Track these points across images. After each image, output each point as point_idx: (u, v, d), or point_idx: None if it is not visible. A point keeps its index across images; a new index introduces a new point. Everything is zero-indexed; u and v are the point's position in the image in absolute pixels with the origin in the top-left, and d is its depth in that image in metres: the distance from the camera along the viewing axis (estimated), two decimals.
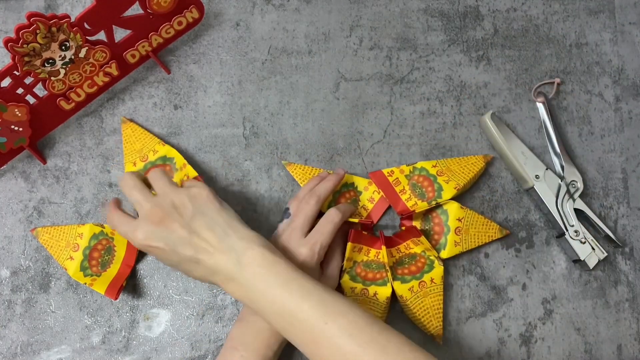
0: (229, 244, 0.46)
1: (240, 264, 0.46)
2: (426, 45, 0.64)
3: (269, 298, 0.45)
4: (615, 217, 0.61)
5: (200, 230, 0.47)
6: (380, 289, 0.55)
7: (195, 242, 0.46)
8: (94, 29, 0.53)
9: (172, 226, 0.47)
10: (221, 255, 0.46)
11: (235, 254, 0.46)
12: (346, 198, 0.59)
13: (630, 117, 0.63)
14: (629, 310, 0.59)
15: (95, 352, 0.58)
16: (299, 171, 0.60)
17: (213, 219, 0.48)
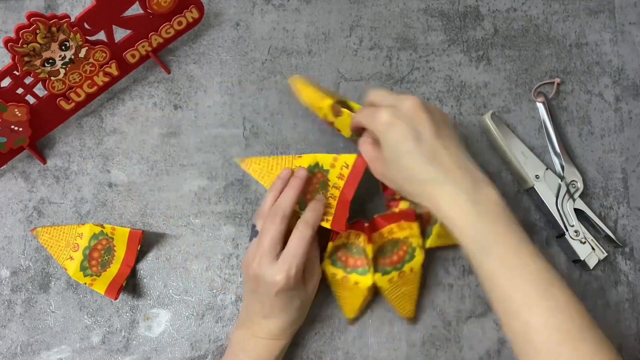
0: (469, 169, 0.46)
1: (475, 191, 0.45)
2: (426, 45, 0.64)
3: (499, 239, 0.44)
4: (615, 217, 0.61)
5: (447, 140, 0.46)
6: (361, 279, 0.54)
7: (437, 146, 0.46)
8: (94, 29, 0.53)
9: (424, 119, 0.46)
10: (457, 173, 0.45)
11: (471, 179, 0.45)
12: (314, 183, 0.55)
13: (630, 117, 0.63)
14: (629, 311, 0.59)
15: (95, 352, 0.58)
16: (256, 167, 0.55)
17: (457, 141, 0.48)
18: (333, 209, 0.53)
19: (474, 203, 0.44)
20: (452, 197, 0.45)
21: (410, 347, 0.58)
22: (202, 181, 0.61)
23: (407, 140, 0.45)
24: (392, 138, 0.46)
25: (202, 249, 0.60)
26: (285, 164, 0.55)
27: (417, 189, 0.47)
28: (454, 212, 0.44)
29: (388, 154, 0.47)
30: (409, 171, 0.46)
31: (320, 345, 0.58)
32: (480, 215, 0.44)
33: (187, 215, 0.60)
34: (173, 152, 0.62)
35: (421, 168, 0.45)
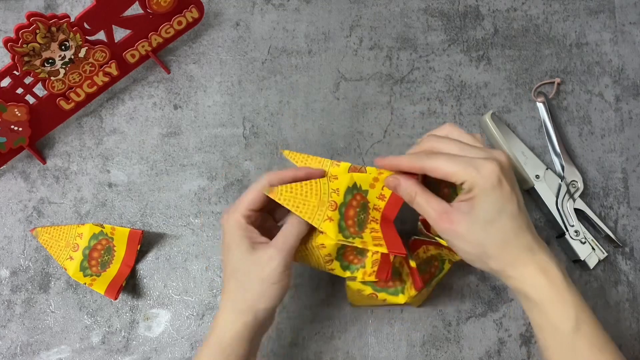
0: (540, 244, 0.43)
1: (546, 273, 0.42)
2: (426, 45, 0.64)
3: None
4: (615, 217, 0.61)
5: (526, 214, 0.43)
6: (391, 298, 0.53)
7: (526, 211, 0.43)
8: (94, 29, 0.53)
9: (515, 180, 0.43)
10: (542, 241, 0.43)
11: (550, 252, 0.43)
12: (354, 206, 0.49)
13: (631, 117, 0.63)
14: (629, 310, 0.59)
15: (95, 352, 0.58)
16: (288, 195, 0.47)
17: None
18: (379, 232, 0.49)
19: (564, 276, 0.42)
20: (545, 266, 0.42)
21: (410, 347, 0.58)
22: (202, 181, 0.61)
23: (512, 203, 0.42)
24: (498, 197, 0.42)
25: (202, 249, 0.60)
26: (320, 188, 0.48)
27: (508, 256, 0.43)
28: (547, 281, 0.42)
29: (486, 214, 0.42)
30: (508, 235, 0.42)
31: (320, 345, 0.58)
32: (570, 289, 0.42)
33: (187, 215, 0.60)
34: (173, 152, 0.62)
35: (522, 235, 0.42)
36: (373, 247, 0.47)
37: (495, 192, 0.41)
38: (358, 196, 0.48)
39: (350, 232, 0.47)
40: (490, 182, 0.41)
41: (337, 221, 0.47)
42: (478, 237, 0.42)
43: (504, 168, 0.42)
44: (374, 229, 0.49)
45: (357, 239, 0.47)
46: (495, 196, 0.41)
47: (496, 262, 0.43)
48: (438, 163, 0.43)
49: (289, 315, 0.58)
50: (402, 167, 0.46)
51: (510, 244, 0.42)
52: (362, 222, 0.48)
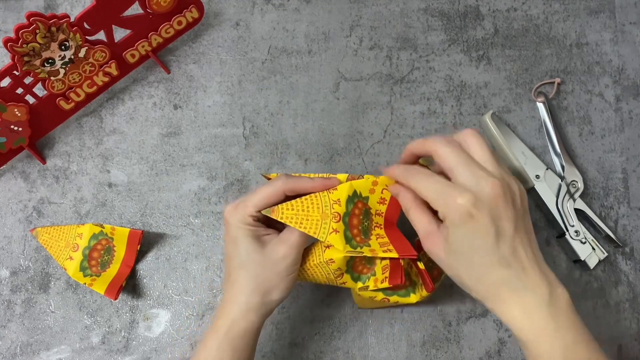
0: (543, 267, 0.41)
1: (552, 296, 0.40)
2: (426, 45, 0.64)
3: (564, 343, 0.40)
4: (615, 217, 0.61)
5: (523, 233, 0.41)
6: (402, 299, 0.52)
7: (517, 243, 0.40)
8: (94, 29, 0.53)
9: (506, 210, 0.40)
10: (536, 275, 0.40)
11: (547, 282, 0.40)
12: (357, 215, 0.48)
13: (631, 117, 0.63)
14: (630, 311, 0.59)
15: (94, 352, 0.58)
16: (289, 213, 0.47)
17: (531, 228, 0.42)
18: (385, 237, 0.48)
19: (551, 314, 0.40)
20: (529, 307, 0.40)
21: (410, 347, 0.58)
22: (202, 181, 0.61)
23: (487, 237, 0.40)
24: (469, 232, 0.40)
25: (202, 249, 0.60)
26: (320, 200, 0.47)
27: (486, 291, 0.41)
28: (530, 324, 0.40)
29: (457, 246, 0.41)
30: (480, 270, 0.41)
31: (320, 345, 0.58)
32: (558, 328, 0.40)
33: (187, 215, 0.60)
34: (173, 152, 0.62)
35: (497, 270, 0.40)
36: (382, 253, 0.46)
37: (464, 227, 0.40)
38: (359, 204, 0.48)
39: (357, 241, 0.47)
40: (458, 218, 0.39)
41: (343, 232, 0.46)
42: (453, 267, 0.42)
43: (480, 201, 0.39)
44: (379, 235, 0.48)
45: (365, 247, 0.47)
46: (464, 231, 0.40)
47: (475, 294, 0.42)
48: (419, 184, 0.42)
49: (289, 315, 0.58)
50: (396, 178, 0.46)
51: (483, 280, 0.41)
52: (366, 229, 0.48)
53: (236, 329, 0.45)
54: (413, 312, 0.59)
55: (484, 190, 0.40)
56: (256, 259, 0.46)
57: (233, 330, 0.45)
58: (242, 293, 0.46)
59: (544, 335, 0.40)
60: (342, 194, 0.47)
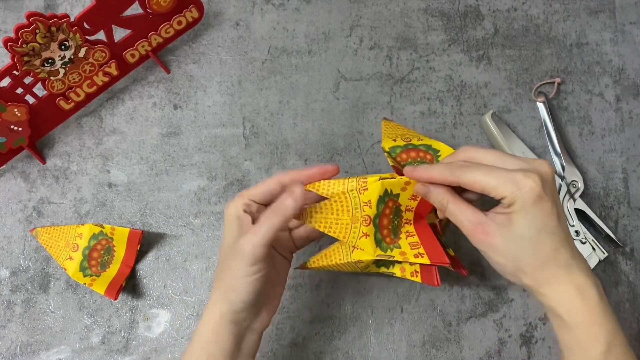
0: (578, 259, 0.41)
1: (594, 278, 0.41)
2: (426, 45, 0.64)
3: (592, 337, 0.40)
4: (615, 217, 0.61)
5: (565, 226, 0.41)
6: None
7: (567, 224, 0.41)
8: (94, 29, 0.53)
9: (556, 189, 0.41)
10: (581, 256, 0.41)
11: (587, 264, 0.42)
12: (387, 214, 0.47)
13: (631, 117, 0.63)
14: (630, 311, 0.59)
15: (94, 352, 0.58)
16: (319, 217, 0.45)
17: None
18: (415, 235, 0.47)
19: (599, 295, 0.40)
20: (582, 286, 0.40)
21: (410, 347, 0.58)
22: (202, 181, 0.61)
23: (552, 218, 0.40)
24: (537, 213, 0.40)
25: (202, 249, 0.60)
26: (350, 202, 0.45)
27: (546, 274, 0.41)
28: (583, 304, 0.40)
29: (523, 230, 0.40)
30: (545, 252, 0.40)
31: (320, 345, 0.58)
32: (605, 311, 0.40)
33: (187, 215, 0.60)
34: (173, 152, 0.62)
35: (559, 251, 0.40)
36: (413, 258, 0.46)
37: (535, 209, 0.39)
38: (390, 202, 0.47)
39: (387, 242, 0.47)
40: (531, 200, 0.39)
41: (373, 235, 0.46)
42: (514, 253, 0.41)
43: (545, 181, 0.40)
44: (409, 232, 0.48)
45: (396, 249, 0.47)
46: (534, 213, 0.40)
47: (530, 279, 0.41)
48: (475, 176, 0.41)
49: (289, 315, 0.58)
50: (434, 179, 0.43)
51: (547, 262, 0.40)
52: (396, 227, 0.48)
53: (207, 333, 0.43)
54: (413, 312, 0.59)
55: (543, 170, 0.40)
56: (228, 254, 0.43)
57: (205, 336, 0.44)
58: (215, 289, 0.45)
59: (594, 317, 0.40)
60: (373, 194, 0.45)
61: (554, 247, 0.40)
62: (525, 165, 0.41)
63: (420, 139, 0.50)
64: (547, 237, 0.40)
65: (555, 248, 0.40)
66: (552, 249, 0.40)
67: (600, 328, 0.40)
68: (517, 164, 0.41)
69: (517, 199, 0.39)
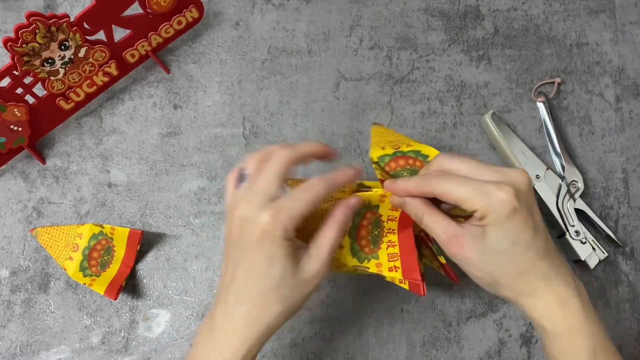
0: (562, 258, 0.41)
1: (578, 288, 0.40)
2: (426, 45, 0.64)
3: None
4: (615, 217, 0.61)
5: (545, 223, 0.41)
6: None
7: (546, 234, 0.40)
8: (94, 29, 0.53)
9: (534, 200, 0.40)
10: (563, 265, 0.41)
11: (571, 273, 0.41)
12: (366, 225, 0.47)
13: (631, 117, 0.63)
14: (630, 311, 0.59)
15: (94, 352, 0.58)
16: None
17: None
18: (396, 246, 0.46)
19: (581, 305, 0.40)
20: (563, 297, 0.40)
21: (410, 347, 0.58)
22: (202, 181, 0.61)
23: (527, 231, 0.39)
24: (512, 227, 0.38)
25: (202, 249, 0.60)
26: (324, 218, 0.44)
27: (522, 285, 0.40)
28: (564, 315, 0.39)
29: (497, 244, 0.39)
30: (521, 265, 0.39)
31: (321, 345, 0.58)
32: (588, 321, 0.40)
33: (187, 215, 0.60)
34: (173, 152, 0.62)
35: (535, 263, 0.39)
36: (387, 272, 0.45)
37: (508, 222, 0.38)
38: (368, 214, 0.46)
39: (366, 252, 0.46)
40: (503, 213, 0.38)
41: (349, 246, 0.46)
42: (489, 266, 0.40)
43: (520, 193, 0.38)
44: (391, 242, 0.46)
45: (372, 260, 0.46)
46: (508, 227, 0.38)
47: (508, 291, 0.41)
48: (448, 187, 0.40)
49: None
50: (410, 191, 0.42)
51: (523, 275, 0.40)
52: (376, 237, 0.47)
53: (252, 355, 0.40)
54: (413, 312, 0.59)
55: (517, 182, 0.39)
56: (291, 281, 0.40)
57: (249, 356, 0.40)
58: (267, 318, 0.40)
59: (577, 327, 0.39)
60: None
61: (530, 260, 0.39)
62: (500, 177, 0.39)
63: (410, 144, 0.48)
64: (522, 250, 0.39)
65: (530, 261, 0.39)
66: (528, 261, 0.39)
67: (584, 338, 0.39)
68: (491, 175, 0.40)
69: (489, 212, 0.38)
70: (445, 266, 0.48)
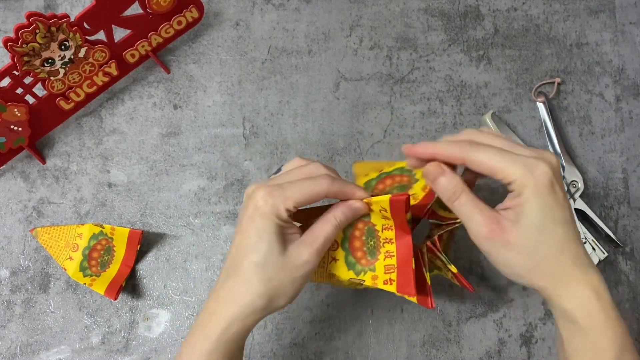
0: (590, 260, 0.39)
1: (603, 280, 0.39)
2: (426, 45, 0.64)
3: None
4: (615, 217, 0.61)
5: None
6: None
7: (577, 230, 0.39)
8: (94, 29, 0.53)
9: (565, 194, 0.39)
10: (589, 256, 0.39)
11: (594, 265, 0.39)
12: (359, 236, 0.46)
13: (631, 117, 0.63)
14: (630, 311, 0.59)
15: (94, 352, 0.58)
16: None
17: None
18: (394, 257, 0.44)
19: (612, 300, 0.38)
20: (598, 287, 0.38)
21: (410, 347, 0.58)
22: (202, 181, 0.61)
23: (565, 209, 0.38)
24: (550, 203, 0.37)
25: (202, 249, 0.60)
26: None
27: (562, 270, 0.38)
28: (600, 306, 0.38)
29: (538, 220, 0.37)
30: (561, 245, 0.38)
31: (321, 345, 0.58)
32: (618, 315, 0.38)
33: (187, 215, 0.60)
34: (173, 152, 0.62)
35: (574, 245, 0.38)
36: (382, 285, 0.44)
37: (548, 196, 0.37)
38: (360, 224, 0.45)
39: (362, 264, 0.45)
40: (543, 185, 0.37)
41: (344, 258, 0.45)
42: (530, 247, 0.38)
43: (556, 171, 0.38)
44: (389, 253, 0.44)
45: (369, 272, 0.45)
46: (548, 201, 0.37)
47: (546, 277, 0.39)
48: (485, 155, 0.38)
49: (289, 315, 0.58)
50: (438, 155, 0.40)
51: (563, 255, 0.38)
52: (373, 248, 0.45)
53: (232, 332, 0.40)
54: (413, 312, 0.59)
55: (552, 161, 0.38)
56: (277, 261, 0.40)
57: (229, 332, 0.40)
58: (248, 294, 0.40)
59: (610, 320, 0.38)
60: None
61: (568, 240, 0.38)
62: (534, 154, 0.38)
63: (391, 164, 0.48)
64: (562, 228, 0.38)
65: (569, 241, 0.38)
66: (567, 241, 0.38)
67: (615, 332, 0.38)
68: (526, 152, 0.39)
69: (529, 184, 0.37)
70: (458, 275, 0.47)
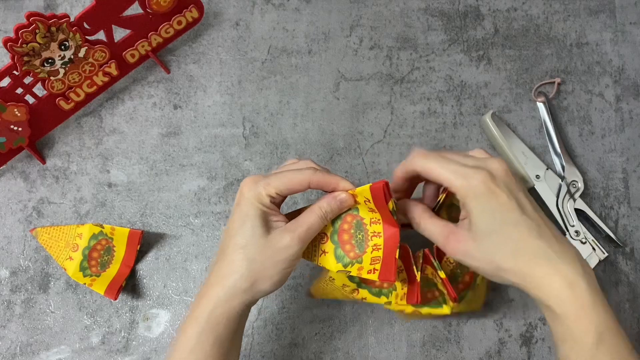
0: (566, 240, 0.41)
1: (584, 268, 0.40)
2: (426, 45, 0.64)
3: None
4: (615, 217, 0.61)
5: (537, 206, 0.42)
6: (435, 310, 0.52)
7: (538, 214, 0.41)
8: (94, 29, 0.53)
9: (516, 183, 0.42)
10: (565, 245, 0.41)
11: (576, 253, 0.41)
12: (347, 230, 0.46)
13: (631, 117, 0.63)
14: (630, 311, 0.59)
15: (94, 352, 0.58)
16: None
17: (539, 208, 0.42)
18: (381, 250, 0.45)
19: (588, 286, 0.39)
20: (570, 278, 0.39)
21: (410, 347, 0.58)
22: (202, 181, 0.61)
23: (512, 211, 0.40)
24: (494, 207, 0.40)
25: (202, 249, 0.60)
26: None
27: (524, 266, 0.40)
28: (573, 296, 0.39)
29: (484, 226, 0.41)
30: (516, 244, 0.40)
31: (321, 345, 0.58)
32: (595, 303, 0.39)
33: (187, 215, 0.60)
34: (173, 152, 0.62)
35: (531, 241, 0.40)
36: (366, 274, 0.45)
37: (489, 202, 0.40)
38: (348, 217, 0.46)
39: (351, 257, 0.45)
40: (481, 192, 0.40)
41: (333, 251, 0.46)
42: (486, 252, 0.41)
43: (495, 177, 0.40)
44: (377, 245, 0.45)
45: (356, 264, 0.45)
46: (490, 206, 0.40)
47: (514, 275, 0.41)
48: (430, 165, 0.42)
49: (289, 315, 0.58)
50: (398, 175, 0.45)
51: (520, 254, 0.40)
52: (360, 241, 0.46)
53: (218, 313, 0.42)
54: None
55: (492, 167, 0.41)
56: (258, 243, 0.43)
57: (215, 314, 0.42)
58: (231, 275, 0.43)
59: (584, 309, 0.39)
60: None
61: (523, 239, 0.40)
62: (476, 163, 0.42)
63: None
64: (513, 229, 0.40)
65: (524, 239, 0.40)
66: (521, 240, 0.40)
67: (591, 321, 0.39)
68: (468, 161, 0.42)
69: (468, 193, 0.40)
70: (445, 281, 0.49)
